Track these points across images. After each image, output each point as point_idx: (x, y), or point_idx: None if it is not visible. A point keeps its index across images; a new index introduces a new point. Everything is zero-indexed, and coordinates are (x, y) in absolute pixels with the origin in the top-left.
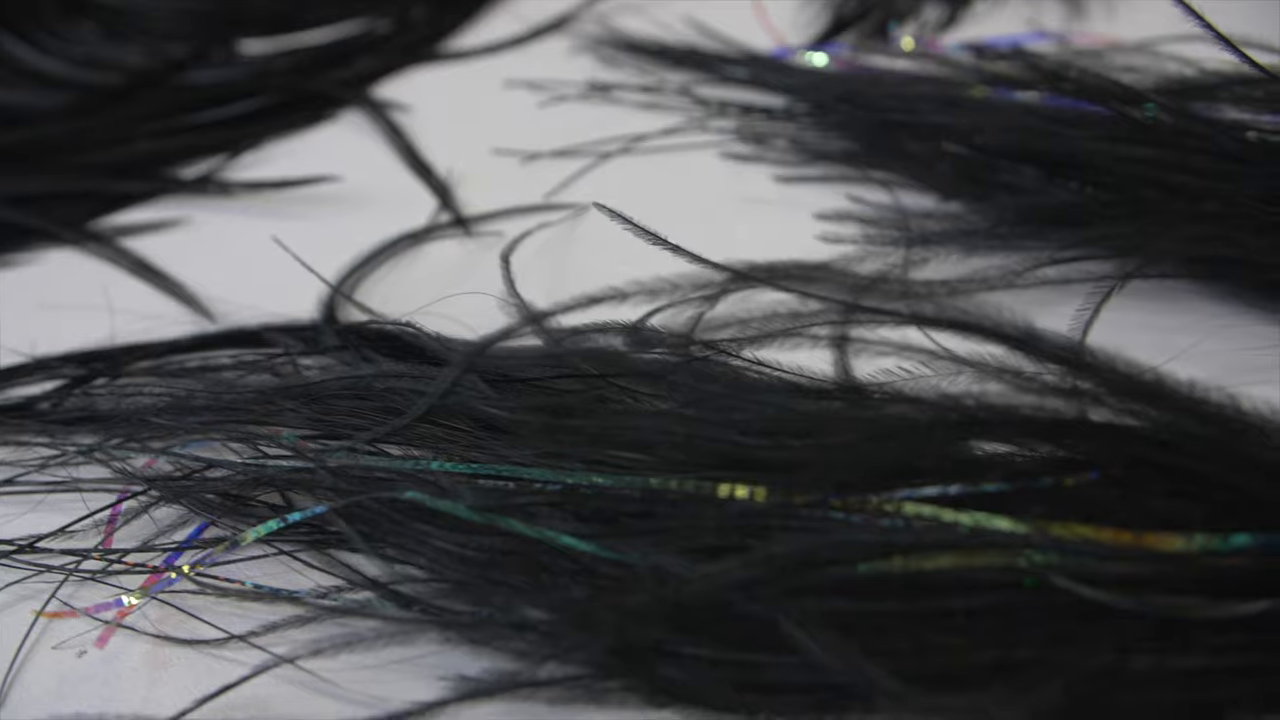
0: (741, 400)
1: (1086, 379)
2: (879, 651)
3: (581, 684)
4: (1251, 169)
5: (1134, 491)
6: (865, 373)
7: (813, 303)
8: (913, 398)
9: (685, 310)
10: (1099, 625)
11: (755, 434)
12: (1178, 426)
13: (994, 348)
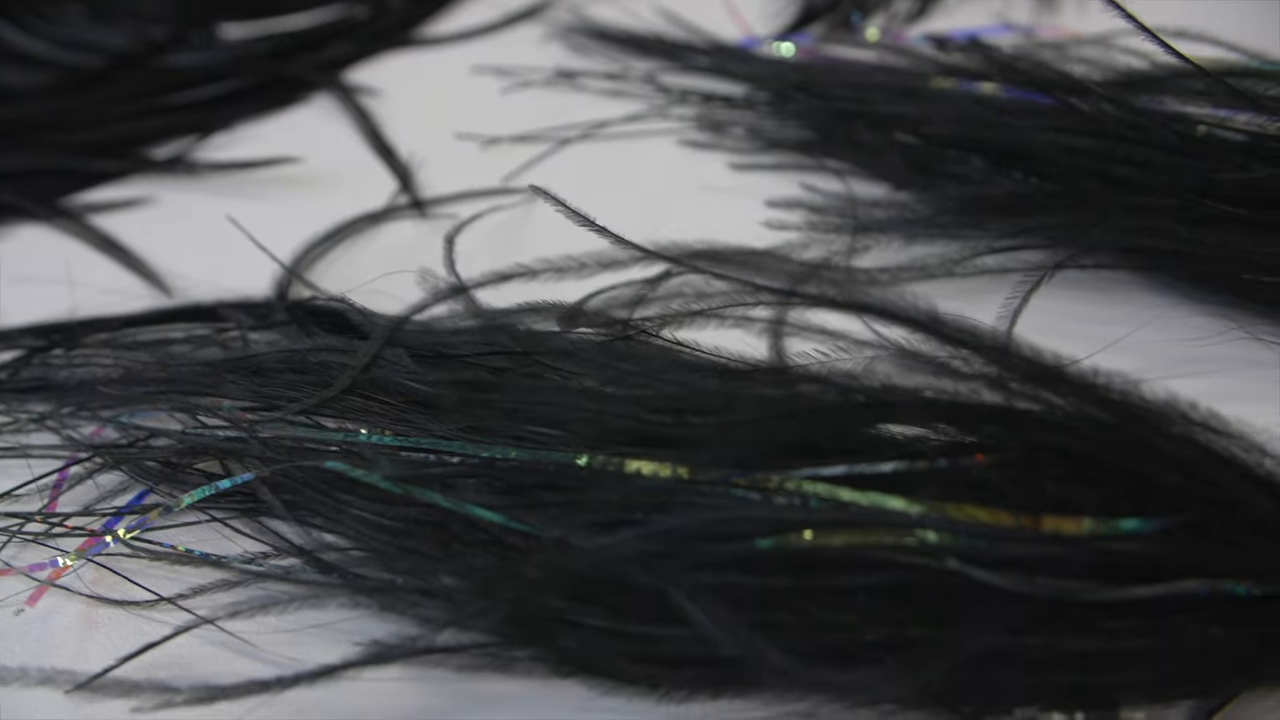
0: (649, 378)
1: (990, 364)
2: (771, 626)
3: (489, 652)
4: (1190, 161)
5: (1032, 475)
6: (785, 354)
7: (724, 284)
8: (818, 378)
9: (619, 290)
10: (990, 606)
11: (661, 411)
12: (1077, 411)
13: (901, 331)
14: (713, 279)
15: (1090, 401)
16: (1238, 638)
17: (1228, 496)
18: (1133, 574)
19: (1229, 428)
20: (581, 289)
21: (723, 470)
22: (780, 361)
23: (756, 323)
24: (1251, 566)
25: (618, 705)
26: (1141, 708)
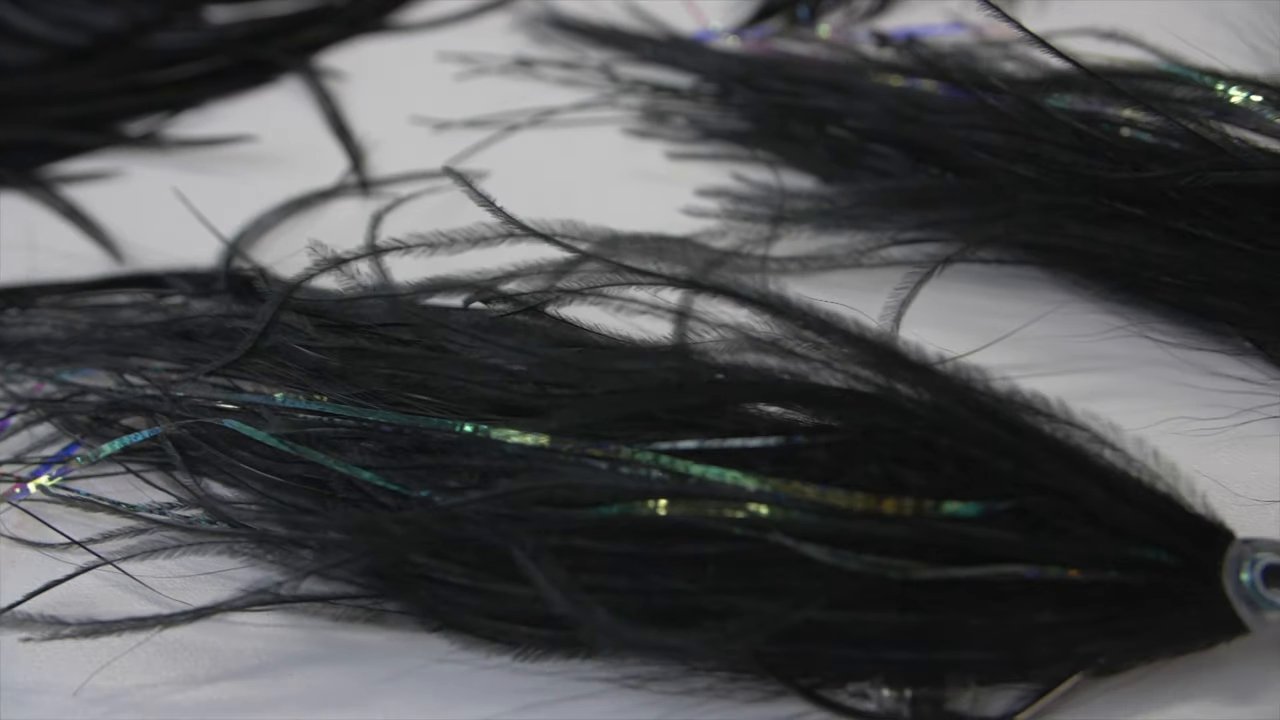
0: (520, 352)
1: (838, 347)
2: (607, 590)
3: (360, 603)
4: (1091, 161)
5: (867, 455)
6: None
7: (604, 267)
8: (675, 355)
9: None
10: (816, 580)
11: (527, 383)
12: (917, 397)
13: (754, 314)
14: (593, 262)
15: (930, 388)
16: (1065, 623)
17: (1060, 486)
18: (960, 556)
19: (1073, 419)
20: (485, 263)
21: (576, 438)
22: (646, 339)
23: (631, 304)
24: (1080, 555)
25: (476, 658)
26: (969, 688)
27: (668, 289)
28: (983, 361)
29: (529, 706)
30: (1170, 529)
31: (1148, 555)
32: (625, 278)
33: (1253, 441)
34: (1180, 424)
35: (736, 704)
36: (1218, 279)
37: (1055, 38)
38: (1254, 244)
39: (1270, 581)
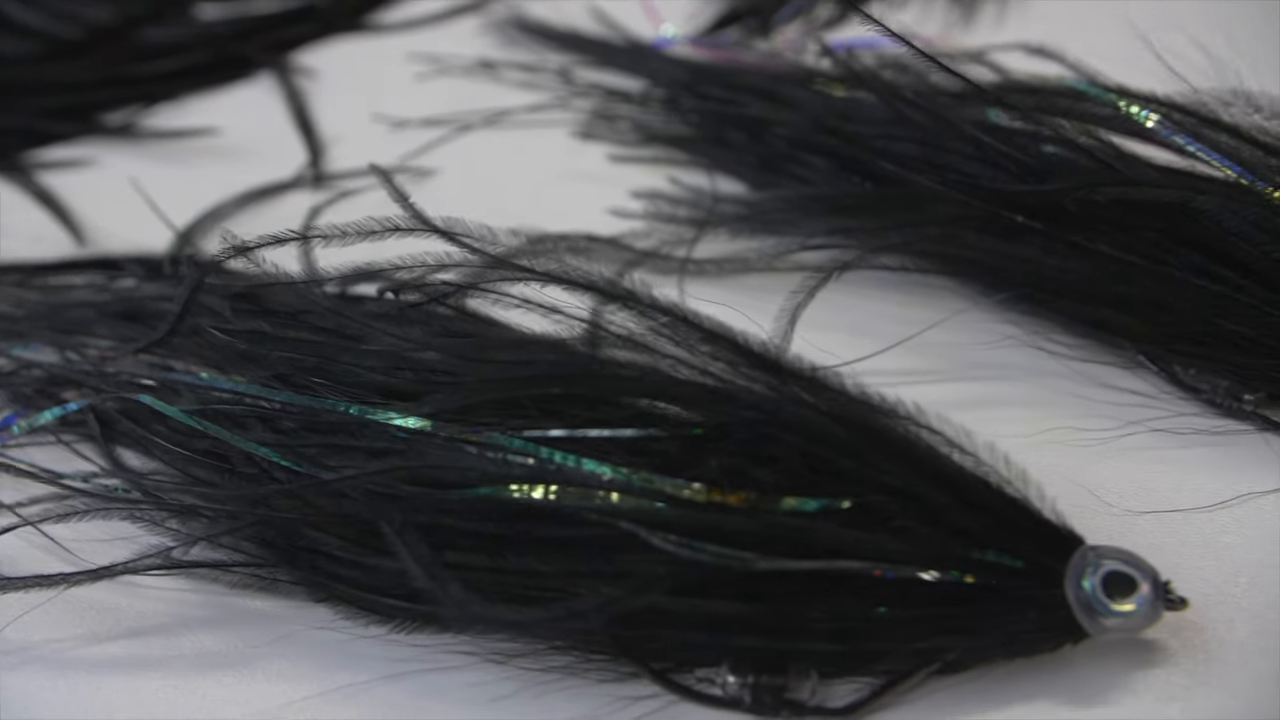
0: (412, 341)
1: (699, 345)
2: (468, 567)
3: (251, 572)
4: (996, 172)
5: (720, 450)
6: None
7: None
8: (549, 348)
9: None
10: (664, 567)
11: (415, 369)
12: (770, 396)
13: (625, 313)
14: (487, 259)
15: (780, 387)
16: (905, 620)
17: (904, 486)
18: (802, 550)
19: (925, 422)
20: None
21: (451, 423)
22: (532, 332)
23: (522, 300)
24: (921, 554)
25: (355, 628)
26: (811, 678)
27: (553, 287)
28: (883, 366)
29: (397, 675)
30: (1016, 533)
31: (990, 558)
32: (515, 275)
33: (1135, 454)
34: (1067, 433)
35: (591, 683)
36: (1112, 293)
37: (992, 51)
38: (1147, 259)
39: (1110, 588)
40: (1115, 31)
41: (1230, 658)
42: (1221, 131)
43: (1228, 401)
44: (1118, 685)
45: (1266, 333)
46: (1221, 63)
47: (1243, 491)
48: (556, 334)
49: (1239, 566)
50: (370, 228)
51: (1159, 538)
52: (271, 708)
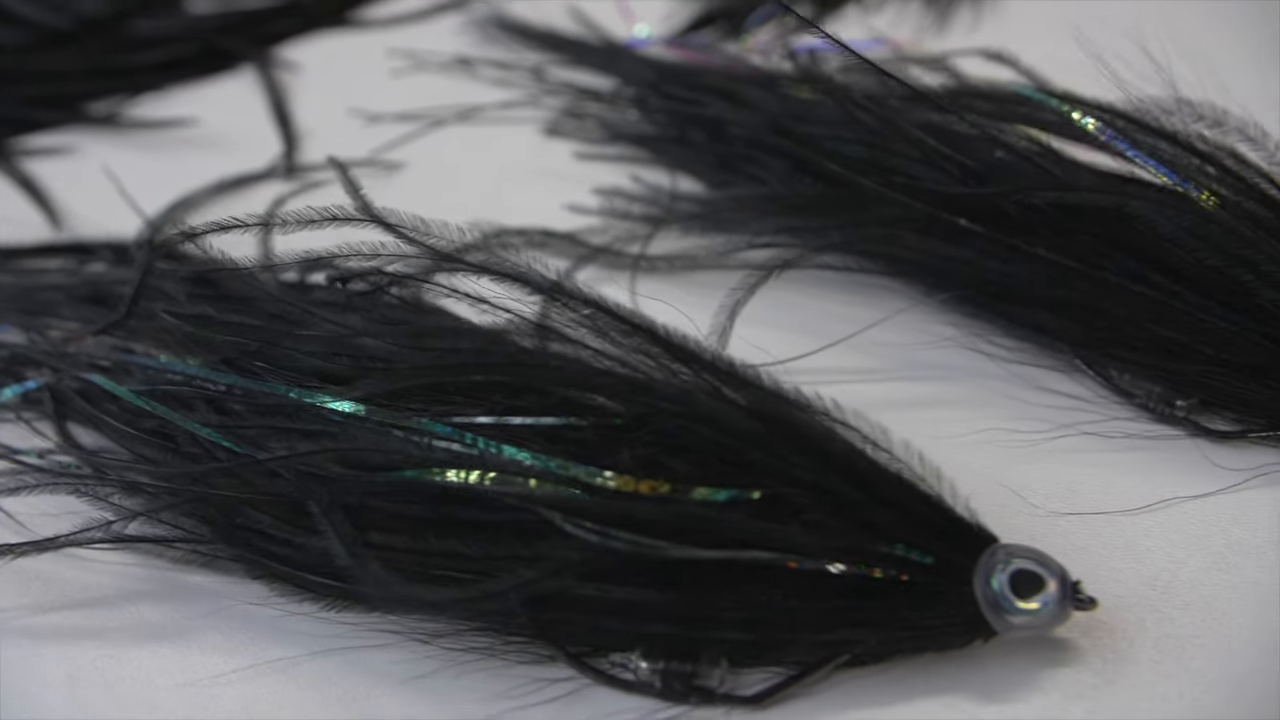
0: (347, 327)
1: (622, 336)
2: (389, 547)
3: (191, 548)
4: (941, 175)
5: (636, 440)
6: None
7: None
8: (476, 337)
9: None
10: (578, 552)
11: (351, 356)
12: (687, 389)
13: (545, 301)
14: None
15: (699, 380)
16: (814, 612)
17: (815, 480)
18: (713, 540)
19: (841, 418)
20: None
21: (382, 407)
22: (466, 321)
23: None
24: (830, 548)
25: (288, 605)
26: (721, 666)
27: (486, 278)
28: (823, 364)
29: (325, 651)
30: (927, 530)
31: (899, 553)
32: (452, 267)
33: (1065, 456)
34: (999, 434)
35: (509, 664)
36: (1050, 296)
37: (953, 56)
38: (1084, 264)
39: (1019, 587)
40: (1085, 36)
41: (1140, 658)
42: (1161, 138)
43: (1160, 407)
44: (1026, 683)
45: (1199, 339)
46: (1171, 70)
47: (1168, 496)
48: (486, 324)
49: (1157, 569)
50: (310, 217)
51: (1081, 539)
52: (203, 678)
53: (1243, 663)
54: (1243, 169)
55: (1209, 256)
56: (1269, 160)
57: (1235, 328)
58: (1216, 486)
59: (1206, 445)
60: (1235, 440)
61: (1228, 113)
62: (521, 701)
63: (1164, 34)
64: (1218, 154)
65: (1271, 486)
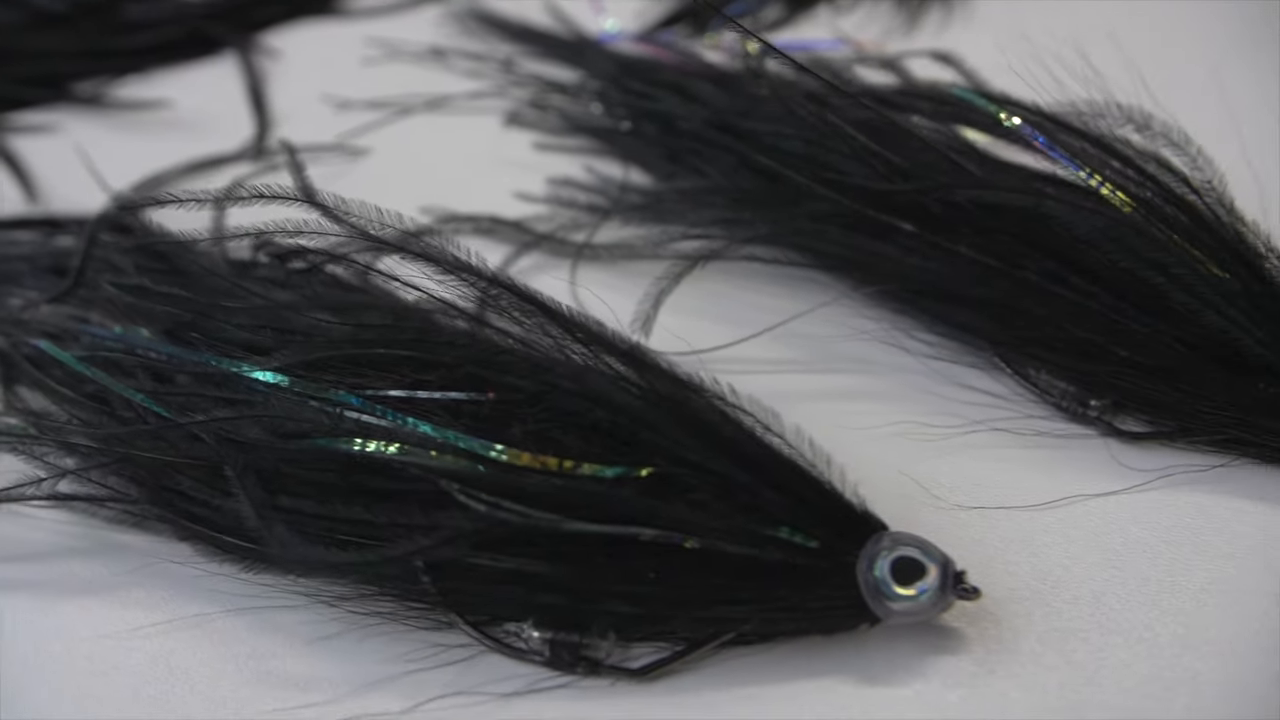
0: (269, 300)
1: (531, 319)
2: (298, 511)
3: (124, 509)
4: (869, 172)
5: (531, 416)
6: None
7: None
8: (391, 313)
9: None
10: (472, 522)
11: (274, 329)
12: (584, 369)
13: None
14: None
15: (595, 360)
16: (697, 589)
17: (702, 461)
18: (601, 516)
19: (735, 403)
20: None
21: (300, 379)
22: (388, 297)
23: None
24: (715, 527)
25: (210, 565)
26: (609, 639)
27: (401, 258)
28: (749, 354)
29: (240, 610)
30: (814, 515)
31: (783, 535)
32: (376, 248)
33: (976, 451)
34: (913, 428)
35: (410, 629)
36: (971, 294)
37: (906, 57)
38: (1004, 263)
39: (901, 574)
40: (1050, 37)
41: (1022, 649)
42: (1086, 141)
43: (1074, 406)
44: (907, 668)
45: (1113, 340)
46: (1109, 74)
47: (1072, 493)
48: (403, 301)
49: (1051, 564)
50: (240, 194)
51: (980, 532)
52: (122, 630)
53: (1124, 657)
54: (1162, 173)
55: (1122, 258)
56: (1190, 165)
57: (1148, 330)
58: (1121, 486)
59: (1116, 445)
60: (1145, 441)
61: (1153, 117)
62: (419, 665)
63: (1126, 38)
64: (1138, 158)
65: (1174, 488)
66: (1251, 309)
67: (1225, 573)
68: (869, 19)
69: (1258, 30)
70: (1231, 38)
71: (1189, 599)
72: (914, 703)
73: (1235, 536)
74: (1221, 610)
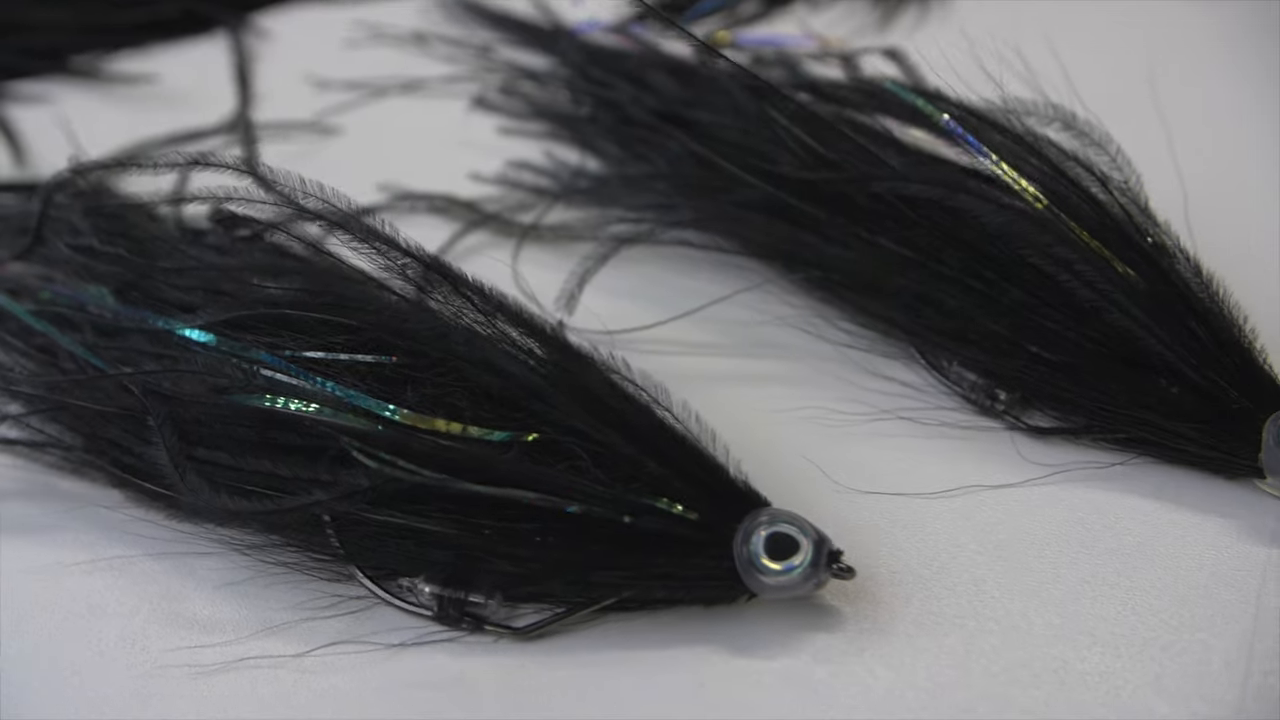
0: (197, 260)
1: (438, 289)
2: (213, 463)
3: (63, 456)
4: (797, 162)
5: (436, 381)
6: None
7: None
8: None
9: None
10: (369, 479)
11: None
12: (480, 338)
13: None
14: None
15: (492, 330)
16: (579, 554)
17: (589, 431)
18: (489, 477)
19: (631, 377)
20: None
21: (225, 338)
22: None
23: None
24: (598, 495)
25: (136, 511)
26: (495, 598)
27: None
28: (673, 335)
29: (158, 555)
30: (696, 488)
31: (663, 506)
32: (302, 217)
33: (881, 439)
34: (822, 413)
35: (313, 579)
36: (890, 285)
37: (861, 54)
38: (921, 255)
39: (773, 549)
40: (1023, 37)
41: (896, 631)
42: (1008, 138)
43: (982, 399)
44: (779, 642)
45: (1022, 336)
46: (1043, 73)
47: (970, 484)
48: (325, 268)
49: (936, 551)
50: (178, 160)
51: (872, 517)
52: (45, 565)
53: (995, 643)
54: (1078, 171)
55: (1032, 254)
56: (1109, 165)
57: (1056, 326)
58: (1019, 479)
59: (1020, 439)
60: (1049, 437)
61: (1077, 117)
62: (317, 613)
63: (1095, 39)
64: (1058, 156)
65: (1072, 484)
66: (1155, 309)
67: (1109, 567)
68: (845, 16)
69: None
70: (1199, 40)
71: (1068, 591)
72: (780, 675)
73: (1124, 533)
74: (1099, 604)
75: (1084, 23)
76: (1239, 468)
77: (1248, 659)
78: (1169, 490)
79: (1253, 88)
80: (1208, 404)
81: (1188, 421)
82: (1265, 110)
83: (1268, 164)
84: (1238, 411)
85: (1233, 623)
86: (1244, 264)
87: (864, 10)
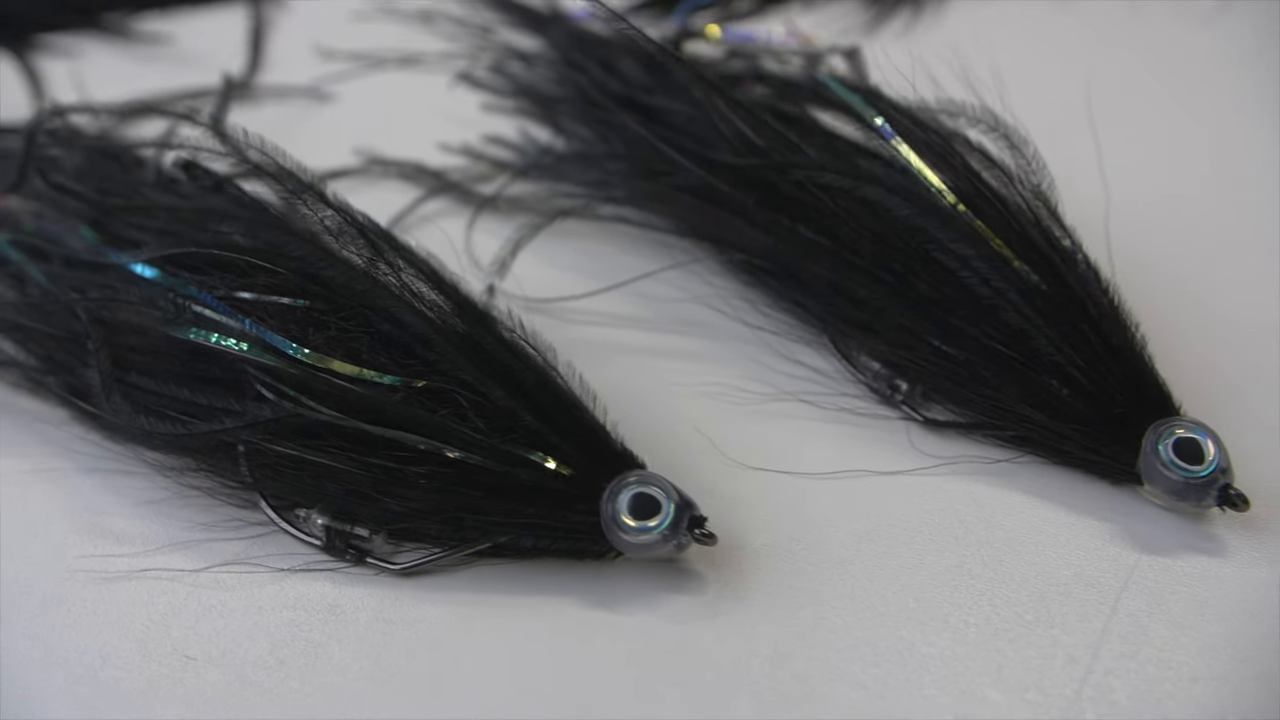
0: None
1: (357, 245)
2: (140, 388)
3: (25, 375)
4: (729, 148)
5: (340, 326)
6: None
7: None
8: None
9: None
10: (268, 411)
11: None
12: (381, 287)
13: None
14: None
15: (396, 281)
16: (455, 498)
17: (473, 381)
18: (381, 419)
19: (526, 337)
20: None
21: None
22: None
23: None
24: (477, 443)
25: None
26: (381, 534)
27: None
28: (599, 307)
29: (90, 470)
30: (572, 445)
31: (537, 459)
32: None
33: (778, 420)
34: (726, 391)
35: (222, 503)
36: (808, 273)
37: (827, 53)
38: (837, 245)
39: (637, 509)
40: (1002, 44)
41: (753, 600)
42: (931, 135)
43: (883, 388)
44: (639, 599)
45: (926, 329)
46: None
47: (857, 468)
48: (262, 217)
49: (809, 529)
50: (149, 109)
51: (754, 491)
52: None
53: (846, 620)
54: (990, 170)
55: (935, 249)
56: (1024, 167)
57: (958, 322)
58: (906, 468)
59: (915, 430)
60: (943, 429)
61: (1001, 120)
62: (220, 534)
63: (1060, 47)
64: (972, 155)
65: (956, 476)
66: (1050, 310)
67: (975, 559)
68: (836, 17)
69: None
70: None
71: (930, 578)
72: (632, 631)
73: (997, 527)
74: (958, 592)
75: (1071, 33)
76: (1120, 473)
77: (1092, 658)
78: (1051, 490)
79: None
80: (1094, 408)
81: (1073, 424)
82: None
83: (1197, 177)
84: (1121, 417)
85: (1086, 622)
86: (1155, 275)
87: (856, 12)
